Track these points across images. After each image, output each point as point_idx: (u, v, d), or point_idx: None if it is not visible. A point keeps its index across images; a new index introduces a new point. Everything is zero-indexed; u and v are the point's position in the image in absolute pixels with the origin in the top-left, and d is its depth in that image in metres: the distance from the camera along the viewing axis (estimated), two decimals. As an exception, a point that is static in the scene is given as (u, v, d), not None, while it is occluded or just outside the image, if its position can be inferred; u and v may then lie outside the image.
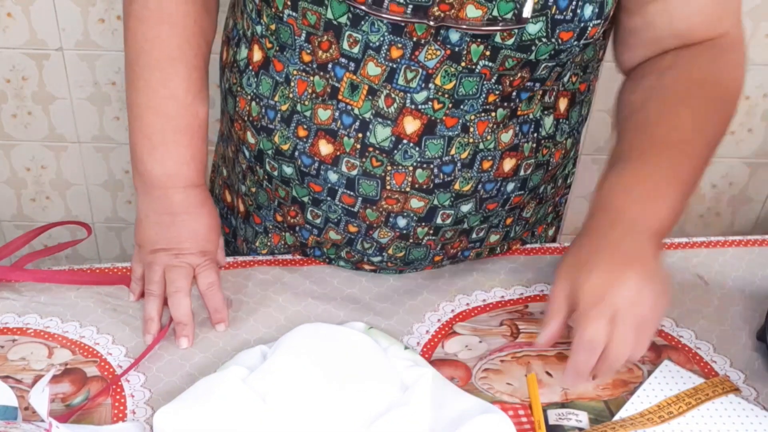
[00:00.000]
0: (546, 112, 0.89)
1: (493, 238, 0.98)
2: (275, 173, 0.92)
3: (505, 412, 0.81)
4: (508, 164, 0.89)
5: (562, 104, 0.90)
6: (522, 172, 0.91)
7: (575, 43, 0.80)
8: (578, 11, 0.77)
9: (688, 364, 0.88)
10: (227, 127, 0.99)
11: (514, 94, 0.84)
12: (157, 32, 0.88)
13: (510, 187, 0.91)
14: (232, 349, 0.88)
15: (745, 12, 1.34)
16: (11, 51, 1.41)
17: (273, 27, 0.84)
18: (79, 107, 1.48)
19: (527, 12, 0.75)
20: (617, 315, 0.74)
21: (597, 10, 0.79)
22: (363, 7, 0.76)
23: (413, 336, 0.91)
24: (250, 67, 0.89)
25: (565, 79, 0.88)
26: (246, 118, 0.91)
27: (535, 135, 0.89)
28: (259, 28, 0.87)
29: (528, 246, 1.04)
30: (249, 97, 0.90)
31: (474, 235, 0.96)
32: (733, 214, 1.66)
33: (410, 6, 0.76)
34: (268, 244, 1.02)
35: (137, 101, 0.90)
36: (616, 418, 0.82)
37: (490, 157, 0.87)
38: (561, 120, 0.91)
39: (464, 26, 0.76)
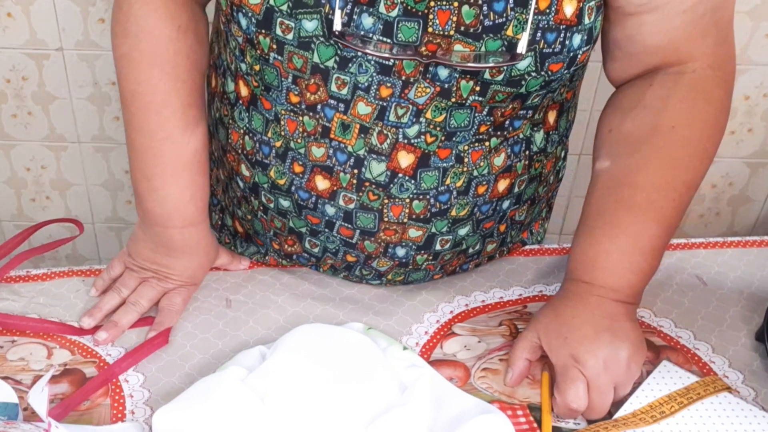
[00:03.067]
0: (536, 129, 0.88)
1: (490, 247, 0.98)
2: (271, 205, 0.92)
3: (504, 412, 0.81)
4: (503, 185, 0.89)
5: (551, 117, 0.90)
6: (516, 189, 0.91)
7: (565, 71, 0.79)
8: (567, 42, 0.76)
9: (687, 364, 0.88)
10: (219, 153, 0.98)
11: (507, 123, 0.84)
12: (148, 75, 0.85)
13: (505, 204, 0.92)
14: (231, 350, 0.88)
15: (745, 12, 1.35)
16: (11, 51, 1.41)
17: (257, 67, 0.83)
18: (79, 107, 1.48)
19: (522, 47, 0.74)
20: (593, 379, 0.80)
21: (585, 38, 0.77)
22: (348, 42, 0.75)
23: (412, 336, 0.91)
24: (240, 102, 0.88)
25: (557, 95, 0.87)
26: (240, 151, 0.91)
27: (527, 152, 0.89)
28: (243, 66, 0.85)
29: (527, 247, 1.04)
30: (242, 131, 0.89)
31: (471, 251, 0.96)
32: (733, 214, 1.66)
33: (396, 47, 0.75)
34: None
35: (136, 142, 0.89)
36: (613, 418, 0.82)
37: (484, 182, 0.87)
38: (551, 132, 0.91)
39: (455, 62, 0.75)
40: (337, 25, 0.74)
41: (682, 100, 0.84)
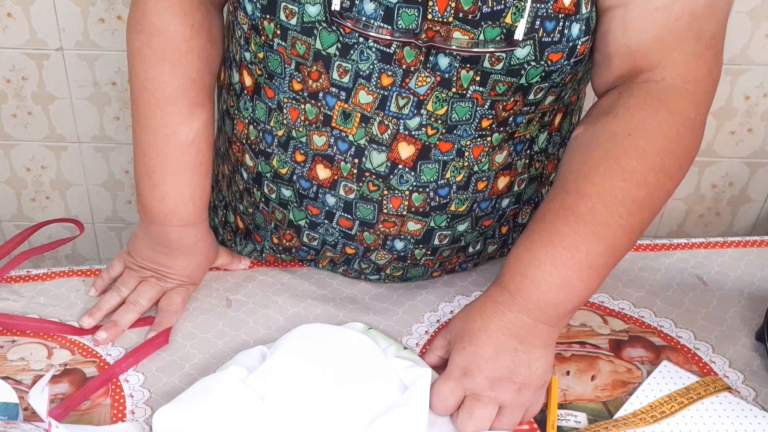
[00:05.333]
0: (542, 130, 0.88)
1: (491, 248, 0.98)
2: (273, 195, 0.92)
3: (504, 413, 0.82)
4: (502, 182, 0.89)
5: (557, 119, 0.90)
6: (516, 188, 0.91)
7: (565, 62, 0.78)
8: (566, 32, 0.76)
9: (687, 364, 0.88)
10: (225, 147, 0.99)
11: (511, 119, 0.83)
12: (158, 72, 0.86)
13: (505, 202, 0.92)
14: (231, 350, 0.88)
15: (745, 12, 1.35)
16: (11, 51, 1.41)
17: (261, 55, 0.84)
18: (79, 107, 1.48)
19: (519, 34, 0.74)
20: (474, 390, 0.79)
21: (584, 27, 0.77)
22: (349, 25, 0.75)
23: (412, 337, 0.91)
24: (245, 92, 0.89)
25: (565, 96, 0.87)
26: (244, 141, 0.91)
27: (528, 152, 0.89)
28: (247, 55, 0.86)
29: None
30: (246, 121, 0.90)
31: (471, 250, 0.96)
32: (733, 214, 1.66)
33: (397, 33, 0.76)
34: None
35: (140, 138, 0.90)
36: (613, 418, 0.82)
37: (484, 178, 0.87)
38: (554, 133, 0.91)
39: (454, 47, 0.75)
40: (336, 5, 0.75)
41: (642, 108, 0.78)
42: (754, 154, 1.55)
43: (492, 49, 0.75)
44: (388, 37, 0.76)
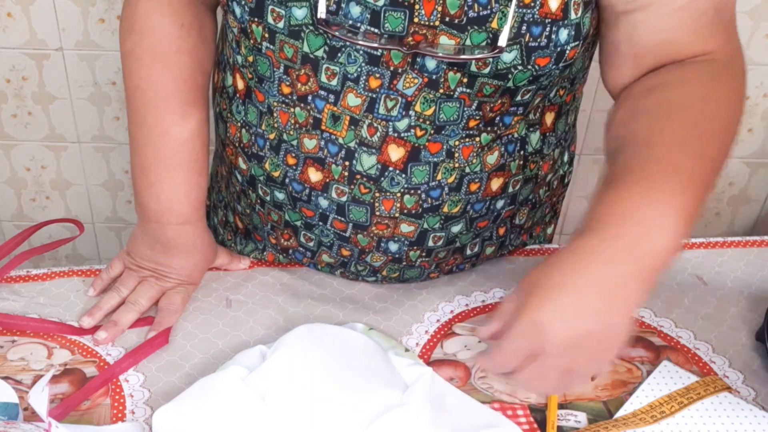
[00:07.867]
0: (531, 129, 0.88)
1: (489, 250, 0.98)
2: (267, 198, 0.92)
3: (504, 412, 0.82)
4: (496, 183, 0.89)
5: (549, 118, 0.89)
6: (510, 189, 0.91)
7: (553, 67, 0.78)
8: (553, 37, 0.76)
9: (687, 364, 0.88)
10: (220, 149, 0.99)
11: (498, 119, 0.84)
12: (150, 71, 0.87)
13: (499, 204, 0.91)
14: (231, 350, 0.88)
15: (745, 12, 1.35)
16: (11, 51, 1.41)
17: (251, 59, 0.84)
18: (79, 107, 1.48)
19: (503, 40, 0.74)
20: (544, 359, 0.68)
21: (573, 33, 0.76)
22: (336, 33, 0.75)
23: (412, 336, 0.91)
24: (238, 95, 0.89)
25: (552, 94, 0.87)
26: (237, 145, 0.91)
27: (522, 152, 0.88)
28: (239, 58, 0.86)
29: (528, 247, 1.04)
30: (239, 125, 0.90)
31: (468, 252, 0.96)
32: (733, 214, 1.66)
33: (384, 36, 0.76)
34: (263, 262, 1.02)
35: (135, 137, 0.90)
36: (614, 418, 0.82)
37: (477, 180, 0.87)
38: (548, 134, 0.90)
39: (440, 54, 0.75)
40: (321, 13, 0.75)
41: (704, 81, 0.78)
42: (754, 154, 1.55)
43: (477, 56, 0.75)
44: (375, 44, 0.76)
